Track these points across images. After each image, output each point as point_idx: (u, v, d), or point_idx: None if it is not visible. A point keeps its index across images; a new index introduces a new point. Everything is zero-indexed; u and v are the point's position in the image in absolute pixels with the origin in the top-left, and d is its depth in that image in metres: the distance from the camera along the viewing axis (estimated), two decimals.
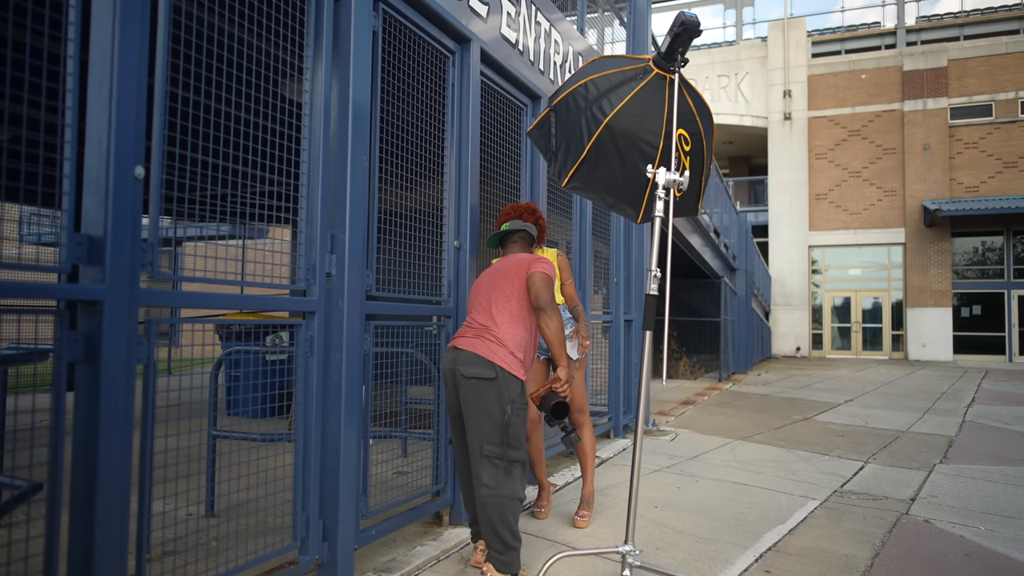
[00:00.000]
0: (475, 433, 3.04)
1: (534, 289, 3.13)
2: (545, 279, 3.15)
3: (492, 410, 3.01)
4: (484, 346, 3.07)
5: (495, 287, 3.22)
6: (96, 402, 2.02)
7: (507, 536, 3.00)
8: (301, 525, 2.86)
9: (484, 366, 3.03)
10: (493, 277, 3.28)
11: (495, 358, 3.04)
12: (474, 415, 3.04)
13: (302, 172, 2.87)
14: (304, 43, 2.90)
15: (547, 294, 3.13)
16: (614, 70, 3.20)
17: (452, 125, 3.91)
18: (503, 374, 3.03)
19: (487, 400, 3.01)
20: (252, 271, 2.74)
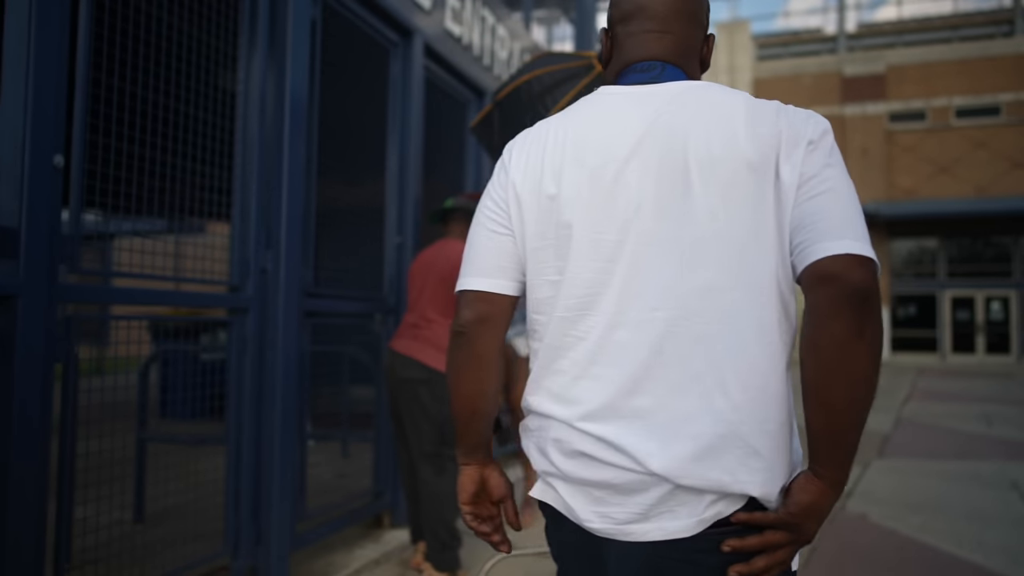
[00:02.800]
0: (414, 434, 3.05)
1: None
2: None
3: (428, 411, 3.01)
4: (416, 347, 3.05)
5: (427, 282, 3.13)
6: (8, 403, 1.91)
7: (443, 534, 3.02)
8: (233, 530, 2.77)
9: (416, 368, 3.02)
10: (426, 268, 3.17)
11: (427, 359, 3.02)
12: (412, 416, 3.04)
13: (236, 164, 2.77)
14: (239, 31, 2.80)
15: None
16: (558, 66, 3.17)
17: (394, 118, 3.84)
18: (435, 375, 3.00)
19: (422, 401, 3.01)
20: (186, 267, 2.63)
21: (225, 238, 2.87)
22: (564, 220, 1.07)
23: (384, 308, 3.77)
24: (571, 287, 1.07)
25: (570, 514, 1.07)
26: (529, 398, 1.14)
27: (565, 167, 1.09)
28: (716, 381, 0.99)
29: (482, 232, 1.17)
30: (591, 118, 1.12)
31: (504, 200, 1.15)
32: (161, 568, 2.53)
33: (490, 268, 1.14)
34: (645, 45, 1.16)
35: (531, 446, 1.15)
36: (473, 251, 1.17)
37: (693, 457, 0.97)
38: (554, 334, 1.10)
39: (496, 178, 1.19)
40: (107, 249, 2.64)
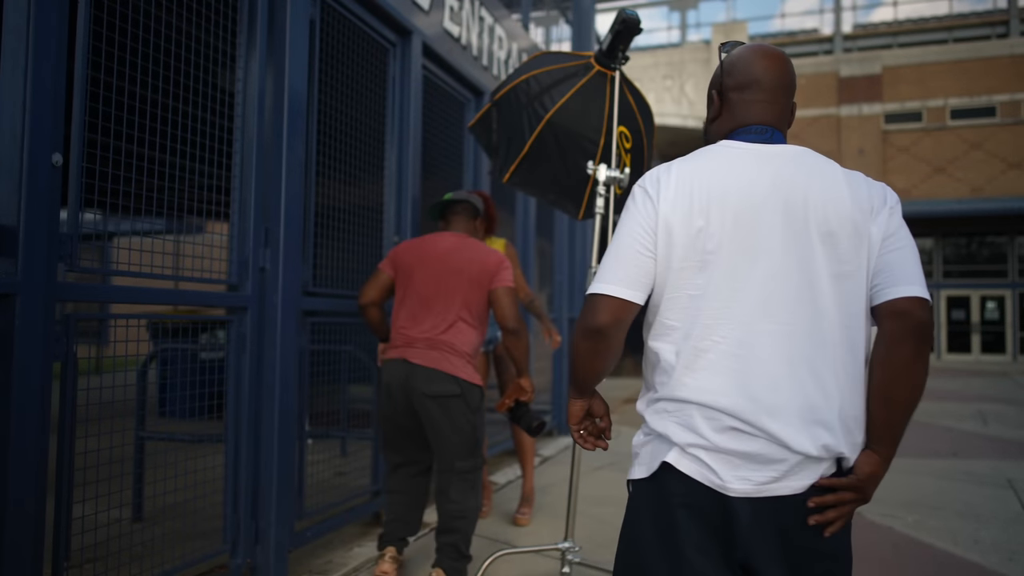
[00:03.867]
0: (445, 451, 2.89)
1: (502, 310, 2.91)
2: (512, 295, 2.94)
3: (461, 426, 2.86)
4: (443, 360, 2.85)
5: (455, 285, 2.91)
6: (6, 401, 1.91)
7: (465, 548, 2.93)
8: (232, 528, 2.77)
9: (447, 382, 2.83)
10: (442, 270, 2.93)
11: (457, 371, 2.85)
12: (442, 433, 2.86)
13: (234, 163, 2.77)
14: (237, 30, 2.80)
15: (516, 313, 2.92)
16: (556, 66, 3.18)
17: (393, 118, 3.85)
18: (466, 387, 2.87)
19: (455, 417, 2.85)
20: (184, 265, 2.63)
21: (224, 237, 2.87)
22: (709, 248, 1.36)
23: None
24: (711, 301, 1.36)
25: (708, 478, 1.34)
26: (671, 388, 1.39)
27: (711, 206, 1.37)
28: (831, 378, 1.34)
29: (632, 250, 1.40)
30: (726, 166, 1.41)
31: (653, 228, 1.40)
32: (160, 566, 2.54)
33: (634, 282, 1.40)
34: (758, 112, 1.49)
35: (670, 423, 1.39)
36: (620, 263, 1.40)
37: (820, 437, 1.32)
38: (696, 337, 1.37)
39: (643, 207, 1.42)
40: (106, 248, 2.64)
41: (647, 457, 1.45)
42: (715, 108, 1.55)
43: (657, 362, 1.43)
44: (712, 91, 1.56)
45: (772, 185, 1.37)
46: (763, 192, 1.37)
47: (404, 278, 2.99)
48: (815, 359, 1.34)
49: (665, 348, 1.41)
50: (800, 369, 1.34)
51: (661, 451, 1.40)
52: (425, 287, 2.93)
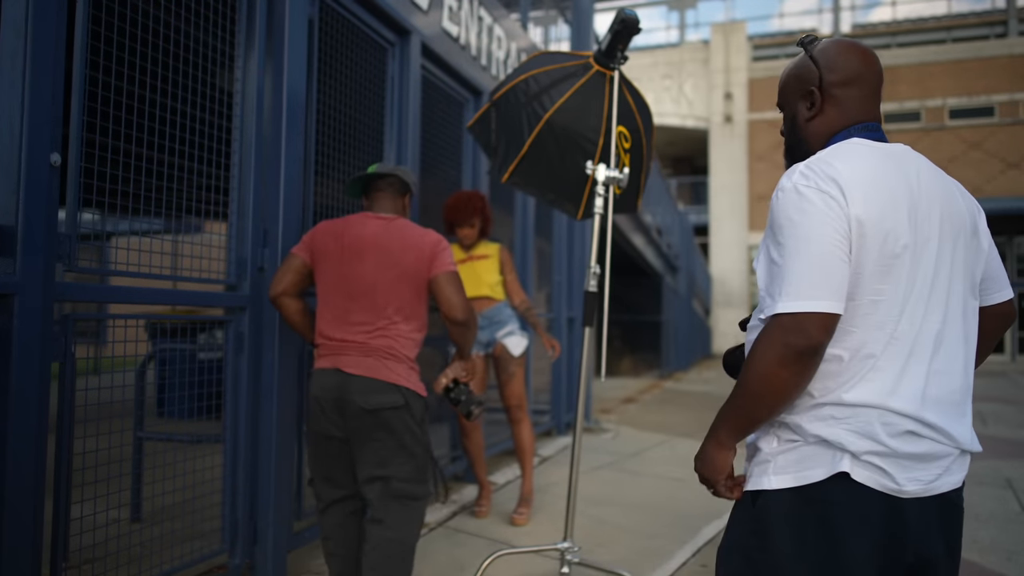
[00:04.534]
0: (379, 470, 2.42)
1: (446, 300, 2.49)
2: (455, 281, 2.51)
3: (405, 442, 2.43)
4: (382, 367, 2.43)
5: (377, 279, 2.47)
6: (5, 402, 1.91)
7: None
8: (230, 528, 2.77)
9: (388, 392, 2.41)
10: (369, 260, 2.48)
11: (399, 379, 2.43)
12: (380, 451, 2.42)
13: (233, 163, 2.77)
14: (236, 29, 2.80)
15: (463, 302, 2.51)
16: (555, 66, 3.18)
17: (392, 118, 3.85)
18: (411, 397, 2.45)
19: (398, 432, 2.41)
20: (183, 265, 2.63)
21: (222, 237, 2.87)
22: (896, 251, 1.32)
23: None
24: (891, 305, 1.32)
25: (882, 484, 1.30)
26: (841, 393, 1.32)
27: (891, 207, 1.33)
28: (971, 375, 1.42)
29: (833, 257, 1.29)
30: (882, 166, 1.37)
31: (847, 231, 1.30)
32: (159, 567, 2.53)
33: (842, 292, 1.29)
34: (868, 108, 1.47)
35: (840, 429, 1.32)
36: (823, 272, 1.28)
37: (972, 431, 1.39)
38: (874, 342, 1.32)
39: (829, 208, 1.30)
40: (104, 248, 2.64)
41: (794, 465, 1.35)
42: (816, 105, 1.49)
43: (827, 368, 1.34)
44: (809, 87, 1.50)
45: (919, 185, 1.37)
46: (918, 192, 1.36)
47: (323, 269, 2.53)
48: (967, 358, 1.40)
49: (841, 353, 1.33)
50: (958, 367, 1.38)
51: (822, 459, 1.33)
52: (350, 281, 2.48)
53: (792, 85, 1.54)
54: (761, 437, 1.42)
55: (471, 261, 4.06)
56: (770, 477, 1.36)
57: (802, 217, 1.30)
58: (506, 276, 4.12)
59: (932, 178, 1.40)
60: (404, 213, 2.71)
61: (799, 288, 1.27)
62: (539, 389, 6.30)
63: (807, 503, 1.33)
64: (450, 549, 3.54)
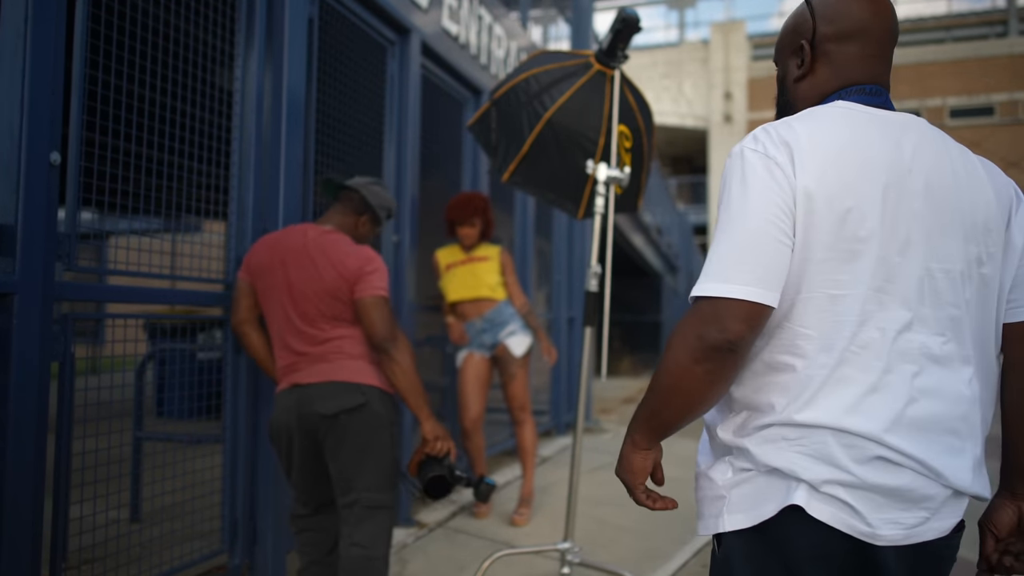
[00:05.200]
0: (347, 482, 2.29)
1: (368, 328, 2.27)
2: (380, 306, 2.27)
3: (370, 445, 2.27)
4: (338, 368, 2.28)
5: (309, 290, 2.32)
6: (5, 402, 1.90)
7: None
8: (229, 528, 2.76)
9: (348, 392, 2.25)
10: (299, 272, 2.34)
11: (359, 375, 2.28)
12: (346, 460, 2.27)
13: (233, 162, 2.77)
14: (236, 28, 2.79)
15: (386, 330, 2.26)
16: (556, 65, 3.17)
17: (391, 117, 3.84)
18: (373, 394, 2.28)
19: (362, 435, 2.25)
20: (182, 265, 2.62)
21: (222, 237, 2.86)
22: (860, 234, 1.08)
23: None
24: (858, 303, 1.09)
25: (850, 524, 1.06)
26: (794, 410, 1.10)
27: (860, 180, 1.09)
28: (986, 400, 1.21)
29: (767, 236, 1.07)
30: (859, 133, 1.13)
31: (790, 206, 1.08)
32: (158, 567, 2.53)
33: (772, 279, 1.07)
34: (869, 67, 1.22)
35: (791, 454, 1.09)
36: (750, 253, 1.07)
37: (973, 469, 1.15)
38: (838, 349, 1.09)
39: (771, 177, 1.08)
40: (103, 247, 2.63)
41: (748, 500, 1.12)
42: (806, 63, 1.25)
43: (776, 379, 1.12)
44: (800, 41, 1.26)
45: (913, 161, 1.12)
46: (906, 168, 1.11)
47: (261, 286, 2.41)
48: (983, 381, 1.18)
49: (793, 362, 1.11)
50: (961, 390, 1.13)
51: (775, 491, 1.10)
52: (283, 292, 2.35)
53: (786, 39, 1.31)
54: (713, 465, 1.20)
55: (471, 263, 4.05)
56: (724, 517, 1.15)
57: (740, 187, 1.10)
58: (507, 279, 4.11)
59: (936, 155, 1.15)
60: (354, 231, 2.52)
61: (720, 270, 1.07)
62: (538, 389, 6.29)
63: (768, 546, 1.12)
64: (450, 550, 3.54)
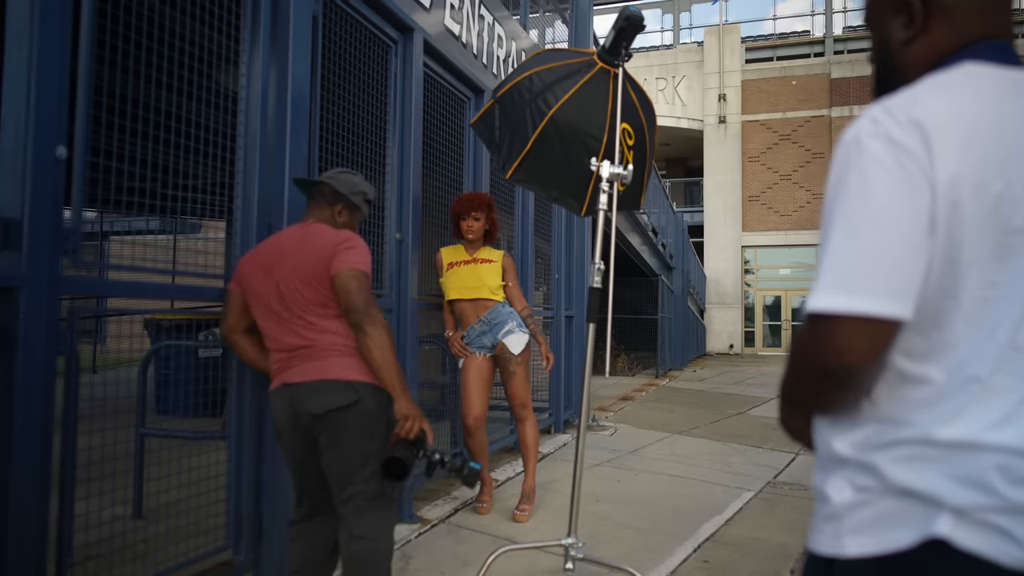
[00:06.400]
0: (344, 477, 2.29)
1: (344, 296, 2.24)
2: (358, 279, 2.25)
3: (365, 440, 2.27)
4: (330, 365, 2.27)
5: (289, 291, 2.31)
6: (10, 397, 1.90)
7: None
8: (235, 524, 2.76)
9: (340, 390, 2.24)
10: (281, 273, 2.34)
11: (349, 373, 2.26)
12: (341, 456, 2.27)
13: (238, 158, 2.77)
14: (241, 27, 2.80)
15: (361, 302, 2.22)
16: (559, 63, 3.19)
17: (394, 116, 3.84)
18: (365, 391, 2.26)
19: (357, 431, 2.26)
20: (187, 261, 2.63)
21: (223, 235, 2.86)
22: (1016, 224, 0.91)
23: (384, 304, 3.77)
24: (1010, 304, 0.93)
25: (1009, 553, 0.90)
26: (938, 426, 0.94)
27: (1009, 160, 0.91)
28: None
29: (902, 240, 0.89)
30: (1001, 102, 0.95)
31: (927, 202, 0.89)
32: (164, 563, 2.53)
33: (907, 290, 0.89)
34: (995, 19, 1.02)
35: (934, 476, 0.93)
36: (885, 262, 0.89)
37: None
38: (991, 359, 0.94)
39: (902, 167, 0.90)
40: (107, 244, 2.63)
41: (873, 524, 0.96)
42: (916, 20, 1.04)
43: (913, 392, 0.95)
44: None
45: None
46: None
47: (249, 292, 2.43)
48: None
49: (933, 373, 0.94)
50: None
51: (909, 517, 0.93)
52: (268, 295, 2.35)
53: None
54: (829, 480, 1.02)
55: (475, 263, 4.08)
56: (844, 539, 0.98)
57: (860, 181, 0.91)
58: (508, 283, 4.13)
59: None
60: (332, 222, 2.50)
61: (841, 278, 0.89)
62: (537, 388, 6.30)
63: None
64: (453, 546, 3.54)
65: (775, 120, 25.41)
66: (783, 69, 25.76)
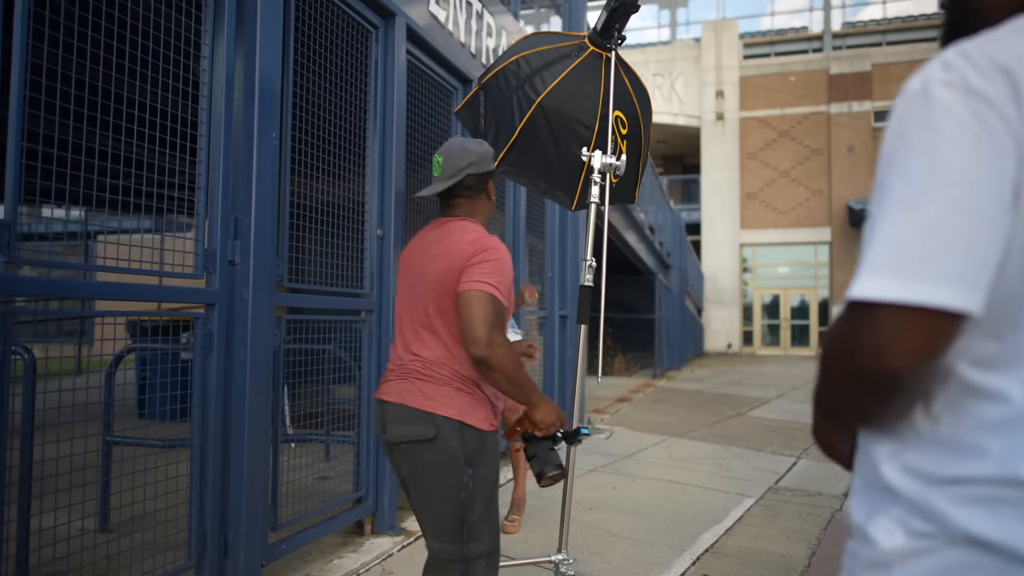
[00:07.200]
0: (422, 522, 2.06)
1: (462, 327, 1.95)
2: (483, 303, 1.93)
3: (437, 487, 1.98)
4: (415, 391, 2.01)
5: (416, 294, 2.11)
6: None
7: None
8: (198, 541, 2.57)
9: (416, 421, 1.98)
10: (414, 273, 2.14)
11: (435, 405, 1.98)
12: (415, 495, 2.05)
13: (200, 148, 2.57)
14: (203, 3, 2.60)
15: (482, 329, 1.91)
16: (548, 46, 3.00)
17: (375, 105, 3.65)
18: (446, 427, 1.96)
19: (428, 473, 1.98)
20: (143, 258, 2.43)
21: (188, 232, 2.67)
22: None
23: (365, 304, 3.58)
24: None
25: None
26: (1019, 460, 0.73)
27: None
28: None
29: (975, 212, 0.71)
30: None
31: (1011, 166, 0.71)
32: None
33: (978, 276, 0.71)
34: None
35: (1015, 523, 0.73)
36: (951, 240, 0.70)
37: None
38: None
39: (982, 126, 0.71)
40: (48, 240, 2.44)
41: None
42: None
43: (984, 410, 0.76)
44: None
45: None
46: None
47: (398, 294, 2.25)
48: None
49: (1010, 386, 0.75)
50: None
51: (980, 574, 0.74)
52: (401, 298, 2.19)
53: None
54: (874, 518, 0.82)
55: None
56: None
57: (926, 139, 0.73)
58: None
59: None
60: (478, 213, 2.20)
61: (895, 260, 0.71)
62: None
63: None
64: None
65: (773, 116, 25.23)
66: (781, 65, 25.59)
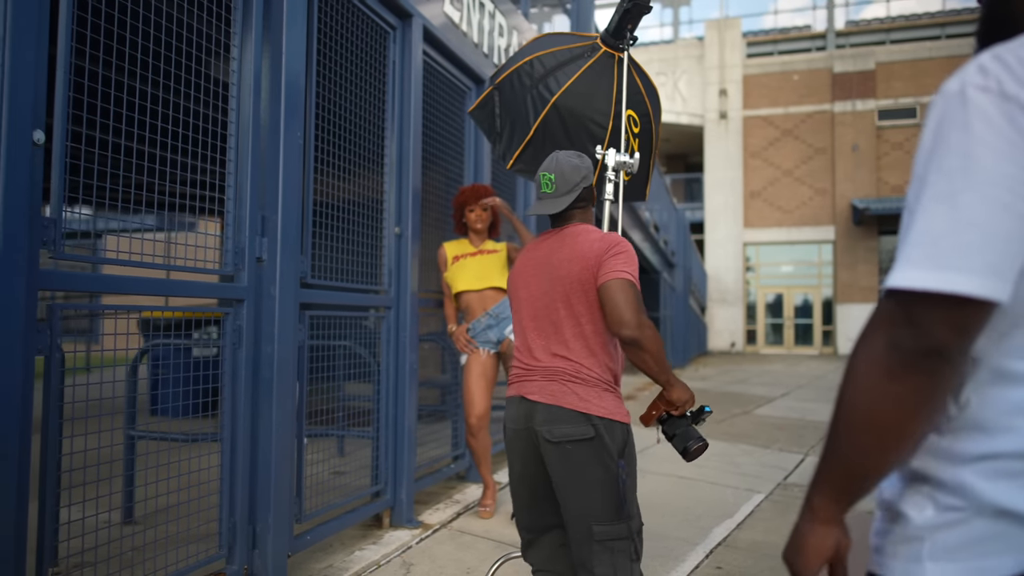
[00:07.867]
0: (577, 512, 2.17)
1: (610, 314, 2.10)
2: (626, 290, 2.10)
3: (599, 479, 2.14)
4: (568, 393, 2.16)
5: (551, 295, 2.23)
6: None
7: None
8: (228, 532, 2.64)
9: (576, 422, 2.13)
10: (544, 276, 2.26)
11: (589, 407, 2.14)
12: (573, 489, 2.17)
13: (229, 147, 2.64)
14: (232, 5, 2.66)
15: (631, 316, 2.07)
16: (561, 47, 3.06)
17: (393, 105, 3.72)
18: (604, 426, 2.13)
19: (590, 468, 2.14)
20: (176, 254, 2.49)
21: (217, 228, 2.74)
22: None
23: (383, 301, 3.65)
24: None
25: None
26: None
27: None
28: None
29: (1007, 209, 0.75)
30: None
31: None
32: (153, 572, 2.41)
33: (1008, 267, 0.75)
34: None
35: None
36: (982, 233, 0.75)
37: None
38: None
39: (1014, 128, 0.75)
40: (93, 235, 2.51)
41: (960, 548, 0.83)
42: None
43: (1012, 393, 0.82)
44: None
45: None
46: None
47: (512, 294, 2.40)
48: None
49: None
50: None
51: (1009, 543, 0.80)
52: (527, 303, 2.31)
53: None
54: (904, 495, 0.89)
55: (481, 255, 4.01)
56: (924, 565, 0.84)
57: (962, 140, 0.77)
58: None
59: None
60: (587, 218, 2.35)
61: (929, 252, 0.76)
62: None
63: None
64: (456, 552, 3.42)
65: (776, 115, 25.26)
66: (784, 64, 25.60)
